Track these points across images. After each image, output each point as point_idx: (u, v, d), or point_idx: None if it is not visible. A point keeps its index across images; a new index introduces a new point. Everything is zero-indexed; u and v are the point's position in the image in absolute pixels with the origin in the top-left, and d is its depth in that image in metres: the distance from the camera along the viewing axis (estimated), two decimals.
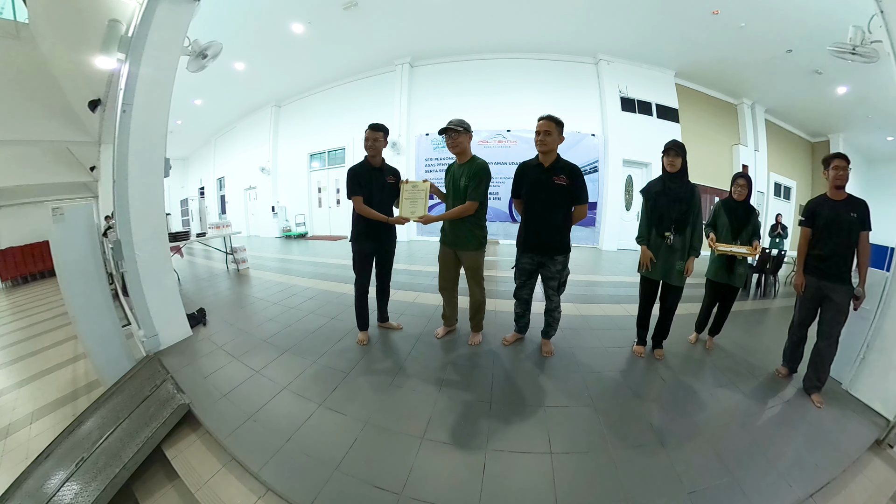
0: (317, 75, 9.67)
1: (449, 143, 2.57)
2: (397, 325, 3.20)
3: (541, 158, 2.45)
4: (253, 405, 2.14)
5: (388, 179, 2.79)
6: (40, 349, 3.91)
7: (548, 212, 2.43)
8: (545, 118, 2.36)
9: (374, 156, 2.73)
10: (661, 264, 2.57)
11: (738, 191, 2.78)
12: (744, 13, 6.08)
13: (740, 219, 2.79)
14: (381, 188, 2.74)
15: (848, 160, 2.18)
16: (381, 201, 2.73)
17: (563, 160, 2.45)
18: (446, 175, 2.73)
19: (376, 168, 2.76)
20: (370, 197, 2.68)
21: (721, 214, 2.86)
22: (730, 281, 2.83)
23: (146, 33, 2.67)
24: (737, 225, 2.80)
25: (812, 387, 2.27)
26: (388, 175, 2.81)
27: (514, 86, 8.53)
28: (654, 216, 2.57)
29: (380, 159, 2.78)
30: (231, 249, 6.13)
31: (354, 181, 2.67)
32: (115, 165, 2.66)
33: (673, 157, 2.48)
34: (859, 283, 2.17)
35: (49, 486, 1.77)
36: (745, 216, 2.79)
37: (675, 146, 2.49)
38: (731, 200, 2.83)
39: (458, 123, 2.52)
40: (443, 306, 2.98)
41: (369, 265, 2.85)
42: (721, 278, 2.85)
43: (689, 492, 1.52)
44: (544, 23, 7.22)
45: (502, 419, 1.98)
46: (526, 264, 2.58)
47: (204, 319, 3.48)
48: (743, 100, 9.46)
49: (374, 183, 2.71)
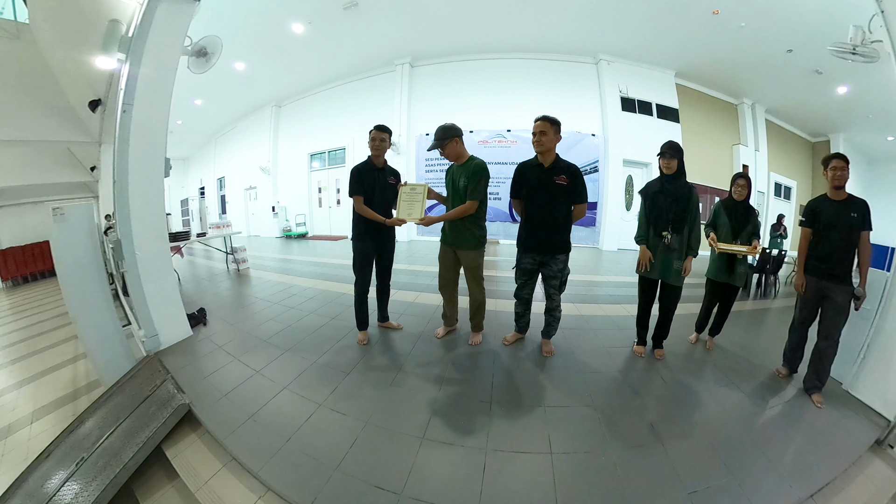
0: (317, 75, 9.68)
1: (442, 154, 2.60)
2: (397, 324, 3.20)
3: (540, 159, 2.46)
4: (253, 405, 2.14)
5: (390, 180, 2.81)
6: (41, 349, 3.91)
7: (549, 212, 2.44)
8: (540, 119, 2.38)
9: (378, 156, 2.76)
10: (659, 264, 2.57)
11: (738, 191, 2.79)
12: (744, 13, 6.08)
13: (740, 219, 2.81)
14: (382, 188, 2.76)
15: (847, 160, 2.17)
16: (381, 201, 2.75)
17: (562, 160, 2.46)
18: (446, 176, 2.75)
19: (379, 168, 2.78)
20: (371, 197, 2.70)
21: (721, 214, 2.88)
22: (730, 280, 2.84)
23: (146, 33, 2.67)
24: (736, 225, 2.81)
25: (812, 387, 2.27)
26: (389, 176, 2.83)
27: (514, 86, 8.54)
28: (652, 216, 2.58)
29: (383, 160, 2.80)
30: (231, 249, 6.13)
31: (356, 180, 2.69)
32: (115, 165, 2.66)
33: (668, 159, 2.49)
34: (860, 282, 2.17)
35: (49, 486, 1.77)
36: (744, 216, 2.80)
37: (670, 149, 2.50)
38: (731, 200, 2.85)
39: (440, 136, 2.54)
40: (443, 306, 2.98)
41: (370, 265, 2.86)
42: (721, 277, 2.86)
43: (690, 492, 1.52)
44: (544, 23, 7.23)
45: (502, 419, 1.98)
46: (527, 264, 2.58)
47: (204, 319, 3.48)
48: (743, 100, 9.46)
49: (377, 183, 2.74)
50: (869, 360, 2.22)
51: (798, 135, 10.65)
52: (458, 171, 2.62)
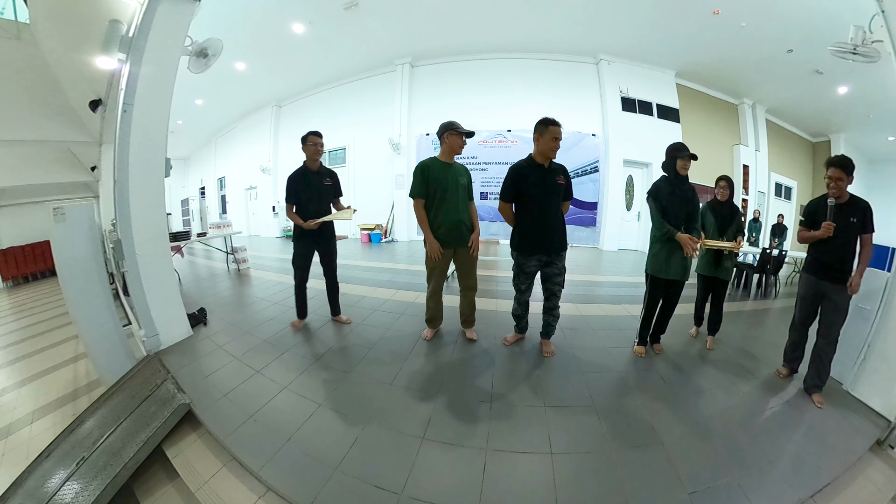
0: (317, 75, 9.67)
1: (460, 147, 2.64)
2: (347, 319, 3.37)
3: (540, 160, 2.47)
4: (253, 405, 2.14)
5: (326, 182, 3.06)
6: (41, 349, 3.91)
7: (554, 212, 2.51)
8: (558, 123, 2.39)
9: (315, 160, 3.03)
10: (678, 264, 2.59)
11: (721, 192, 3.01)
12: (744, 13, 6.08)
13: (725, 217, 2.99)
14: (318, 191, 3.02)
15: (845, 168, 2.10)
16: (317, 203, 3.02)
17: (554, 162, 2.53)
18: (442, 173, 2.63)
19: (315, 172, 3.03)
20: (308, 199, 2.98)
21: (707, 215, 3.03)
22: (717, 274, 3.00)
23: (147, 33, 2.67)
24: (722, 223, 2.99)
25: (813, 386, 2.27)
26: (325, 178, 3.07)
27: (514, 86, 8.54)
28: (667, 217, 2.60)
29: (318, 163, 3.07)
30: (232, 249, 6.14)
31: (291, 188, 2.98)
32: (115, 165, 2.66)
33: (687, 160, 2.55)
34: (855, 274, 2.13)
35: (50, 486, 1.77)
36: (729, 215, 2.99)
37: (690, 152, 2.56)
38: (716, 201, 3.04)
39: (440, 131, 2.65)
40: (431, 310, 2.93)
41: (307, 263, 3.15)
42: (709, 272, 3.04)
43: (690, 492, 1.52)
44: (545, 23, 7.22)
45: (503, 419, 1.98)
46: (532, 266, 2.58)
47: (204, 319, 3.48)
48: (744, 100, 9.45)
49: (312, 186, 3.00)
50: (869, 360, 2.22)
51: (798, 135, 10.64)
52: (458, 170, 2.68)
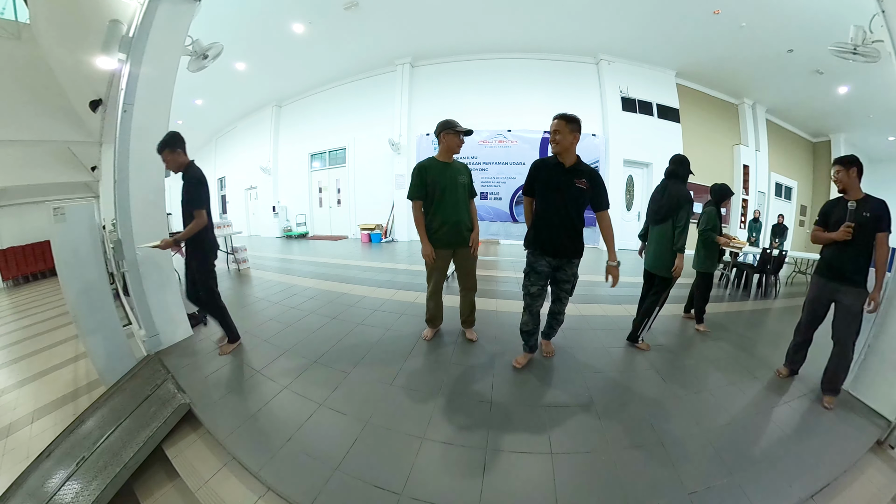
0: (317, 75, 9.68)
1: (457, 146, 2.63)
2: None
3: (560, 158, 2.26)
4: (253, 405, 2.14)
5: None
6: (41, 348, 3.92)
7: (565, 214, 2.27)
8: (556, 117, 2.21)
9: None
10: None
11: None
12: (745, 13, 6.08)
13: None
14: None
15: (846, 163, 2.12)
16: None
17: (584, 163, 2.30)
18: (440, 172, 2.62)
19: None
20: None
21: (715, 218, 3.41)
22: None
23: (147, 33, 2.67)
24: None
25: (828, 390, 2.23)
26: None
27: (514, 86, 8.54)
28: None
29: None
30: (232, 249, 6.13)
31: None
32: (116, 165, 2.66)
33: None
34: (874, 288, 2.07)
35: (50, 486, 1.77)
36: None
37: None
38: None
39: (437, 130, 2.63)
40: (431, 310, 2.94)
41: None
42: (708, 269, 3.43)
43: (690, 492, 1.52)
44: (545, 23, 7.23)
45: (503, 419, 1.98)
46: (543, 267, 2.39)
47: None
48: (744, 100, 9.45)
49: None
50: (869, 360, 2.21)
51: (799, 135, 10.64)
52: (458, 169, 2.68)
